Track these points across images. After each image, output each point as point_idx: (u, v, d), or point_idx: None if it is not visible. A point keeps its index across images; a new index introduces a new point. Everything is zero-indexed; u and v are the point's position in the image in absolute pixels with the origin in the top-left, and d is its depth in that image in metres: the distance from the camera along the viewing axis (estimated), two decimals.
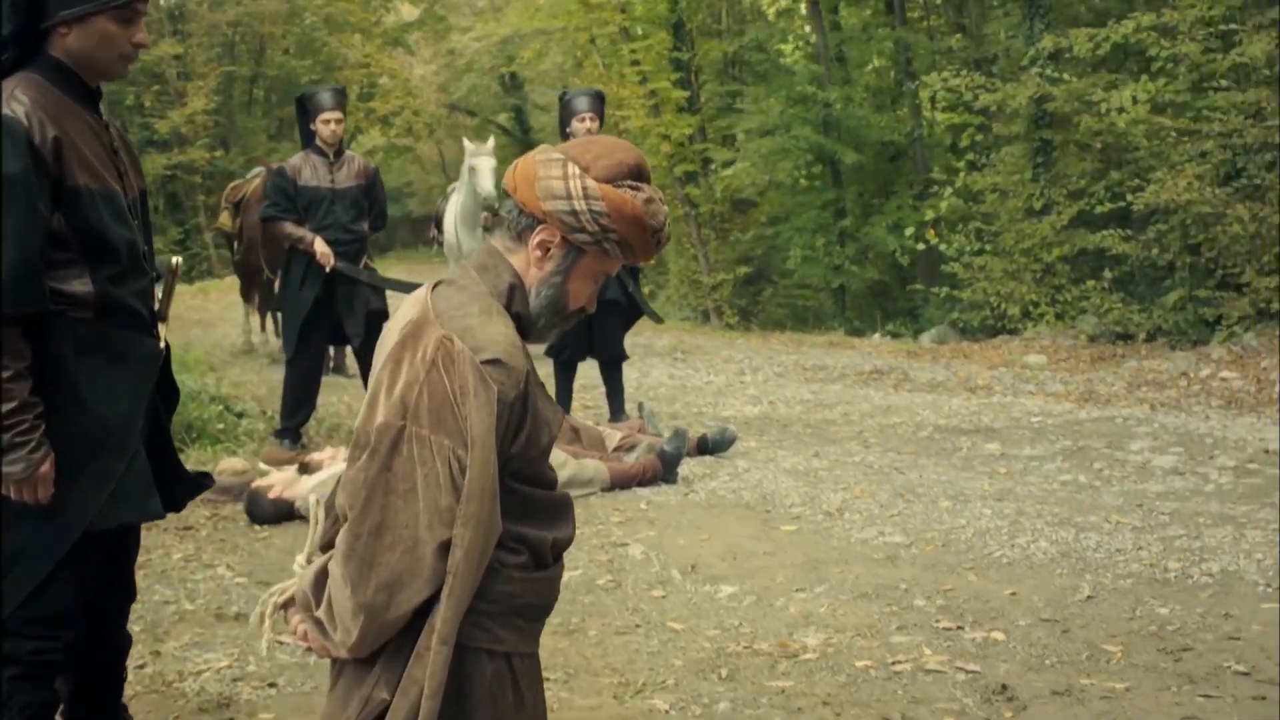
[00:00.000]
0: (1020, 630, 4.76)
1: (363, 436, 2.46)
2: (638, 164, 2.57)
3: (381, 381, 2.47)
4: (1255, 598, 5.05)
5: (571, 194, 2.48)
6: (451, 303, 2.55)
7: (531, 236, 2.56)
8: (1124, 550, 5.65)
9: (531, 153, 2.59)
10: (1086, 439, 8.25)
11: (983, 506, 6.43)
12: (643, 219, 2.53)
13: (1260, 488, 6.77)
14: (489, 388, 2.46)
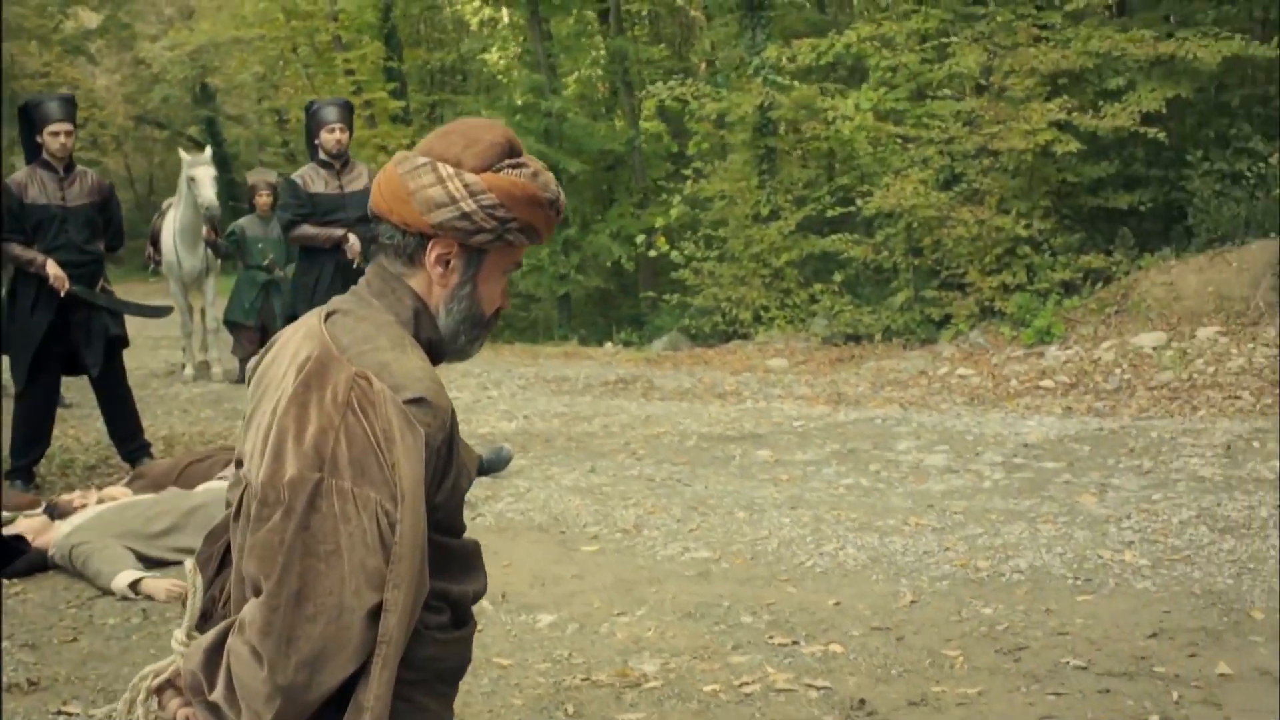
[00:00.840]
0: (856, 641, 4.69)
1: (270, 492, 2.12)
2: (507, 139, 2.32)
3: (286, 429, 2.14)
4: (1069, 591, 5.13)
5: (455, 197, 2.23)
6: (356, 335, 2.25)
7: (426, 255, 2.29)
8: (931, 552, 5.67)
9: (388, 166, 2.31)
10: (852, 441, 8.34)
11: (779, 515, 6.38)
12: (538, 196, 2.29)
13: (1033, 481, 6.96)
14: (416, 431, 2.18)
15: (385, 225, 2.33)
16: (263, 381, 2.36)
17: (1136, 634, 4.66)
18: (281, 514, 2.11)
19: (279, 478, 2.12)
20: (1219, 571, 5.27)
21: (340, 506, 2.09)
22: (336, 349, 2.23)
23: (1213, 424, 8.32)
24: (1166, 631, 4.67)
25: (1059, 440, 8.03)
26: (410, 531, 2.16)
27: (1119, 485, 6.77)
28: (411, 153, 2.32)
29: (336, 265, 7.69)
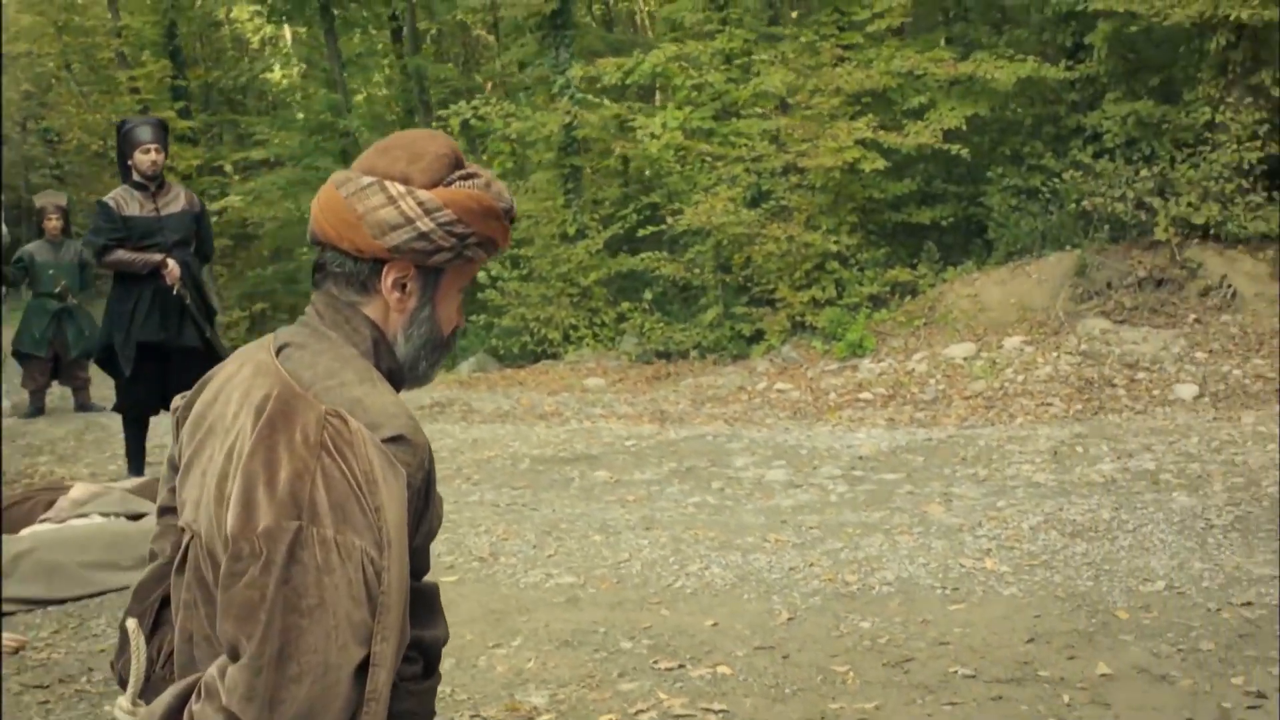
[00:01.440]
0: (742, 661, 4.65)
1: (244, 545, 1.92)
2: (452, 149, 2.19)
3: (254, 475, 1.95)
4: (940, 601, 5.20)
5: (410, 217, 2.07)
6: (317, 370, 2.08)
7: (381, 281, 2.13)
8: (797, 568, 5.68)
9: (329, 190, 2.14)
10: (688, 459, 8.33)
11: (636, 537, 6.31)
12: (494, 207, 2.15)
13: (878, 493, 7.05)
14: (398, 471, 2.03)
15: (332, 253, 2.16)
16: (202, 423, 2.17)
17: (1014, 640, 4.74)
18: (260, 568, 1.92)
19: (252, 529, 1.93)
20: (1077, 575, 5.40)
21: (322, 556, 1.92)
22: (299, 385, 2.06)
23: (1033, 430, 8.59)
24: (1042, 636, 4.76)
25: (892, 452, 8.17)
26: (397, 580, 2.02)
27: (961, 494, 6.91)
28: (351, 172, 2.15)
29: (155, 291, 7.33)
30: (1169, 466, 7.16)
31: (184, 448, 2.19)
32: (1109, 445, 7.84)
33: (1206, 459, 7.29)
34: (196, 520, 2.08)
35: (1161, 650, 4.58)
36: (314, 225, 2.15)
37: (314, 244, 2.21)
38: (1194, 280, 11.12)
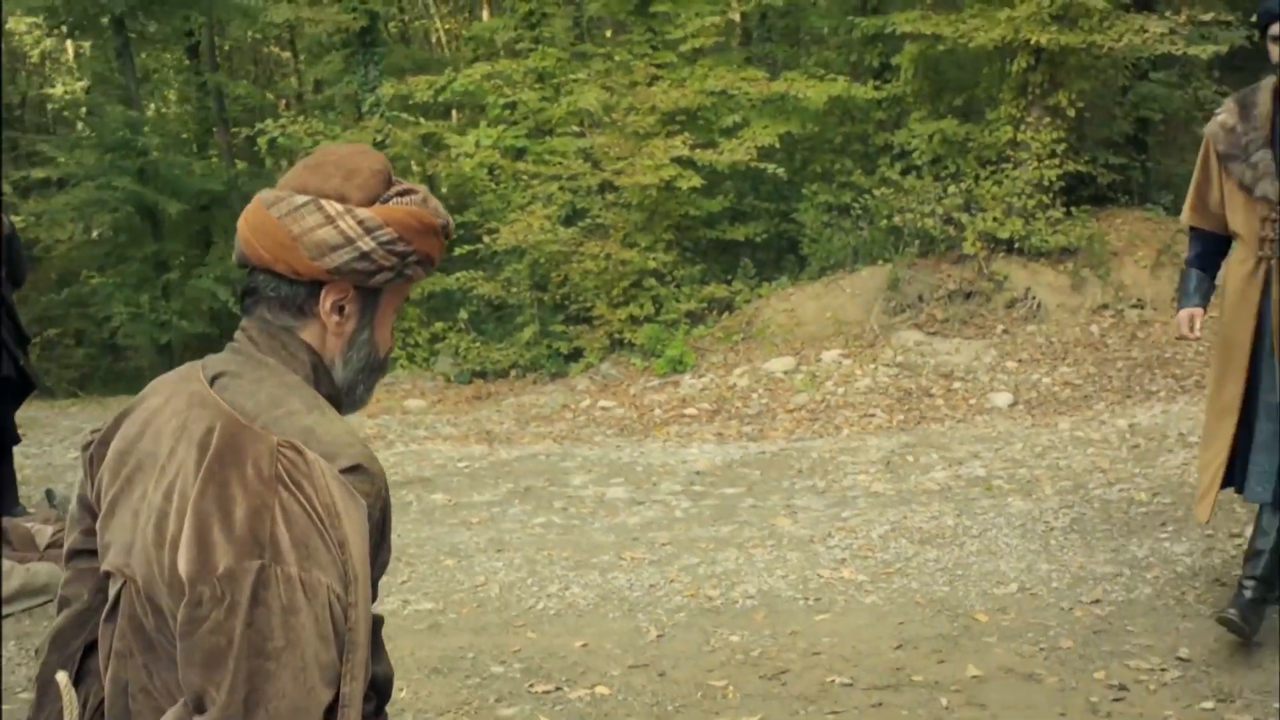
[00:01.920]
0: (619, 680, 4.63)
1: (202, 590, 1.81)
2: (385, 164, 2.11)
3: (207, 514, 1.84)
4: (804, 611, 5.25)
5: (351, 237, 1.99)
6: (260, 400, 1.98)
7: (319, 303, 2.04)
8: (658, 585, 5.67)
9: (258, 210, 2.03)
10: (524, 479, 8.25)
11: (488, 560, 6.22)
12: (433, 223, 2.07)
13: (722, 508, 7.09)
14: (358, 502, 1.95)
15: (265, 276, 2.05)
16: (126, 460, 2.04)
17: (883, 647, 4.81)
18: (225, 612, 1.81)
19: (211, 571, 1.82)
20: (933, 581, 5.52)
21: (287, 596, 1.82)
22: (243, 416, 1.96)
23: (862, 441, 8.76)
24: (909, 641, 4.85)
25: (728, 466, 8.24)
26: (363, 616, 1.94)
27: (805, 506, 7.00)
28: (280, 191, 2.04)
29: None
30: (999, 473, 7.38)
31: (105, 487, 2.07)
32: (938, 454, 8.04)
33: (1032, 464, 7.54)
34: (129, 564, 1.97)
35: (1024, 650, 4.71)
36: (243, 248, 2.04)
37: (242, 266, 2.11)
38: (1001, 292, 11.52)
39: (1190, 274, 4.85)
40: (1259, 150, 4.42)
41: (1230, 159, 4.50)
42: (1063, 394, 9.81)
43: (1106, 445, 7.87)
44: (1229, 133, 4.51)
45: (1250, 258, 4.51)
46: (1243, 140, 4.46)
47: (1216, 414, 4.66)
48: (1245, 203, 4.49)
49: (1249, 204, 4.48)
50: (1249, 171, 4.44)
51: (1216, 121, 4.60)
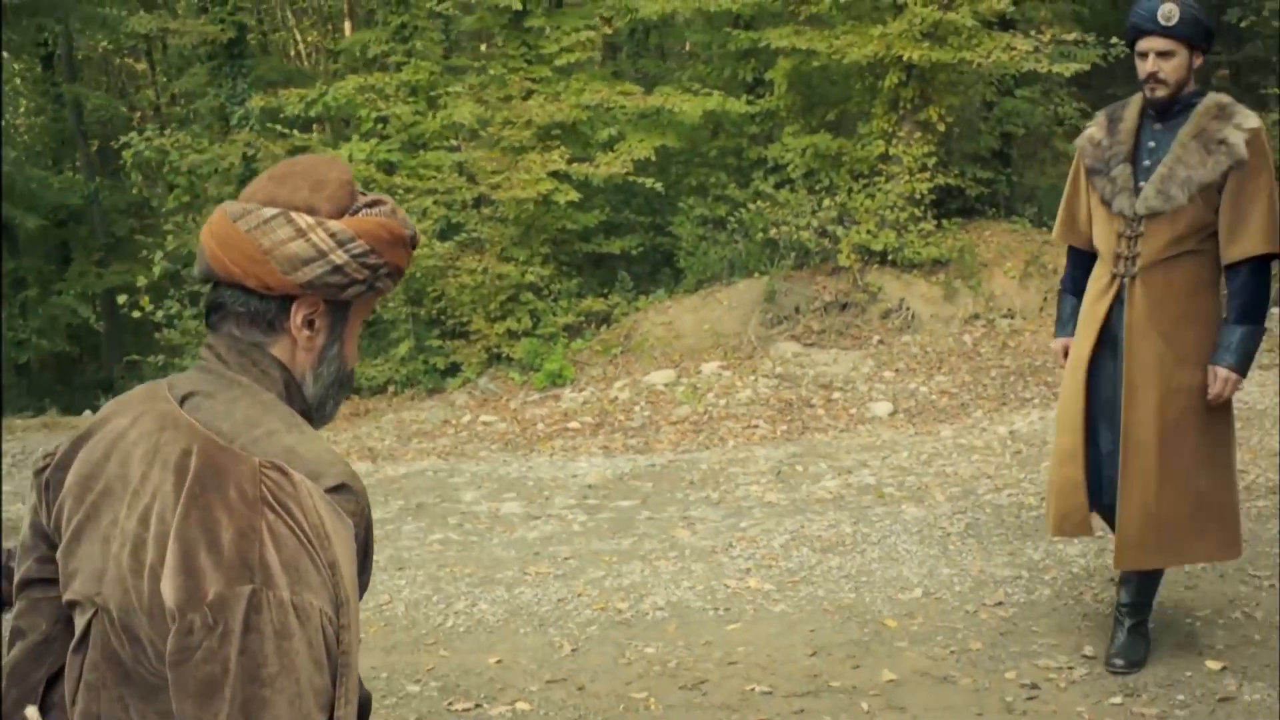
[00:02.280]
0: (539, 696, 4.61)
1: (192, 618, 1.76)
2: (350, 176, 2.07)
3: (191, 539, 1.79)
4: (716, 622, 5.28)
5: (323, 250, 1.94)
6: (237, 419, 1.93)
7: (290, 318, 2.00)
8: (566, 599, 5.66)
9: (224, 223, 1.97)
10: (415, 495, 8.17)
11: (391, 578, 6.14)
12: (402, 235, 2.04)
13: (619, 521, 7.10)
14: (346, 523, 1.92)
15: (232, 291, 1.99)
16: (92, 485, 1.97)
17: (798, 654, 4.86)
18: (218, 640, 1.76)
19: (200, 598, 1.76)
20: (839, 588, 5.59)
21: (280, 620, 1.78)
22: (219, 436, 1.91)
23: (750, 452, 8.84)
24: (823, 648, 4.91)
25: (619, 479, 8.25)
26: (354, 639, 1.91)
27: (701, 517, 7.04)
28: (247, 204, 1.98)
29: None
30: (889, 481, 7.51)
31: (67, 513, 2.00)
32: (826, 463, 8.15)
33: (920, 472, 7.69)
34: (100, 593, 1.91)
35: (936, 653, 4.80)
36: (209, 262, 1.99)
37: (206, 282, 2.05)
38: (875, 303, 11.72)
39: (1065, 300, 4.83)
40: (1120, 164, 4.43)
41: (1095, 173, 4.51)
42: (940, 402, 10.01)
43: (990, 452, 8.05)
44: (1095, 146, 4.53)
45: (1105, 274, 4.49)
46: (1106, 154, 4.48)
47: (1064, 433, 4.59)
48: (1104, 217, 4.48)
49: (1107, 218, 4.46)
50: (1108, 185, 4.44)
51: (1085, 135, 4.63)
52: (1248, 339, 4.31)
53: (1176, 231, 4.31)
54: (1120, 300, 4.42)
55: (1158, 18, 4.24)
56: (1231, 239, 4.29)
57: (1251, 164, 4.24)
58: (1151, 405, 4.33)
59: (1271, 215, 4.27)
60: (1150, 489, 4.34)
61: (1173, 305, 4.36)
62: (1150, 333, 4.35)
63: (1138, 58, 4.36)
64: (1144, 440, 4.34)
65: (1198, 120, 4.33)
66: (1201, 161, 4.27)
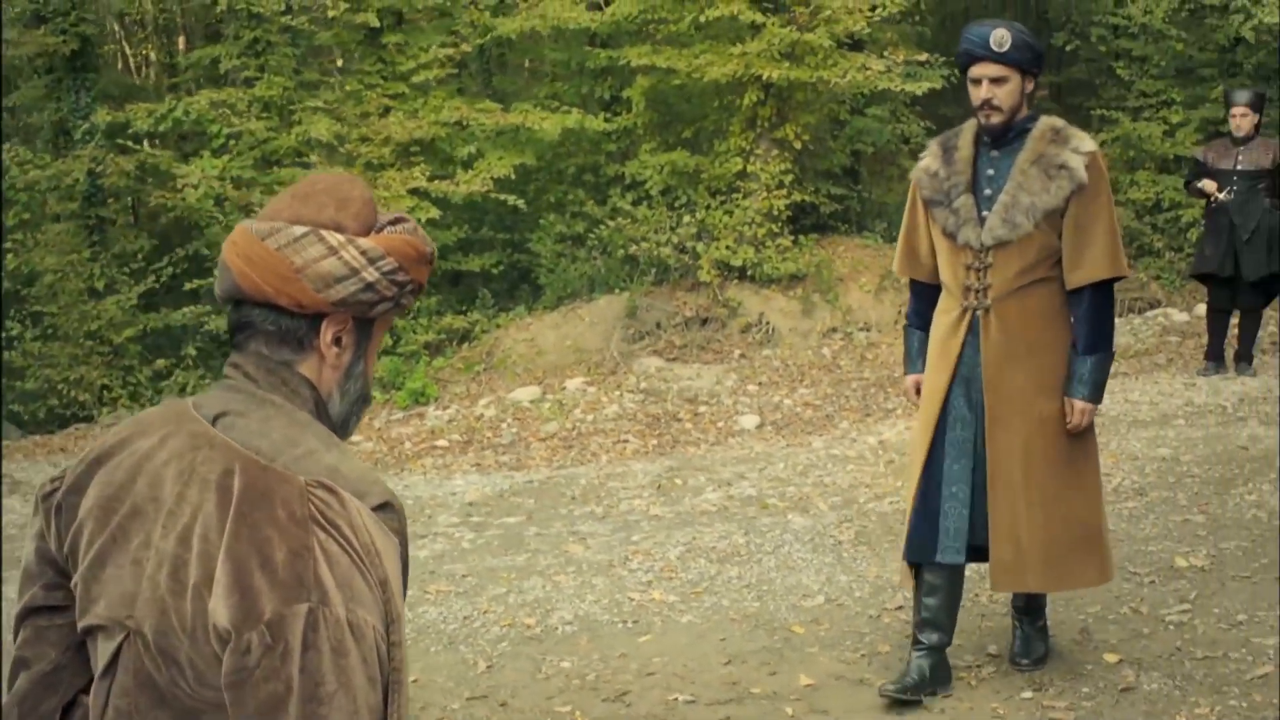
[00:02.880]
0: (463, 713, 4.65)
1: (249, 637, 1.76)
2: (370, 194, 2.09)
3: (244, 558, 1.80)
4: (627, 634, 5.35)
5: (355, 267, 1.96)
6: (275, 439, 1.94)
7: (320, 336, 2.02)
8: (472, 617, 5.67)
9: (251, 242, 1.98)
10: None
11: None
12: (425, 252, 2.07)
13: (509, 538, 7.09)
14: (393, 541, 1.96)
15: (261, 310, 2.00)
16: (116, 507, 1.94)
17: (714, 663, 4.95)
18: (279, 658, 1.76)
19: (257, 617, 1.77)
20: (742, 598, 5.70)
21: (336, 638, 1.79)
22: (260, 456, 1.92)
23: (626, 467, 8.91)
24: (737, 656, 5.00)
25: (499, 496, 8.24)
26: (404, 655, 1.94)
27: (591, 531, 7.08)
28: (274, 222, 1.99)
29: None
30: (770, 492, 7.65)
31: (87, 537, 1.97)
32: (705, 476, 8.27)
33: (798, 482, 7.85)
34: (132, 616, 1.89)
35: (847, 657, 4.94)
36: (239, 280, 1.98)
37: (229, 301, 2.06)
38: (735, 318, 11.93)
39: (912, 335, 4.72)
40: (961, 195, 4.34)
41: (934, 204, 4.40)
42: (806, 414, 10.23)
43: (864, 461, 8.26)
44: (932, 177, 4.44)
45: (955, 307, 4.40)
46: (945, 185, 4.38)
47: (916, 468, 4.54)
48: (950, 250, 4.39)
49: (953, 251, 4.37)
50: (951, 217, 4.34)
51: (920, 166, 4.55)
52: (1098, 368, 4.33)
53: (1025, 260, 4.29)
54: (974, 333, 4.36)
55: (990, 44, 4.22)
56: (1075, 264, 4.29)
57: (1091, 187, 4.24)
58: (1016, 436, 4.31)
59: (1114, 238, 4.29)
60: (1020, 517, 4.31)
61: (1028, 335, 4.34)
62: (1009, 364, 4.32)
63: (970, 84, 4.33)
64: (1011, 472, 4.31)
65: (1034, 145, 4.31)
66: (1044, 187, 4.24)
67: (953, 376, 4.39)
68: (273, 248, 1.97)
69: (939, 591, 4.51)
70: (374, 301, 2.03)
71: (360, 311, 2.04)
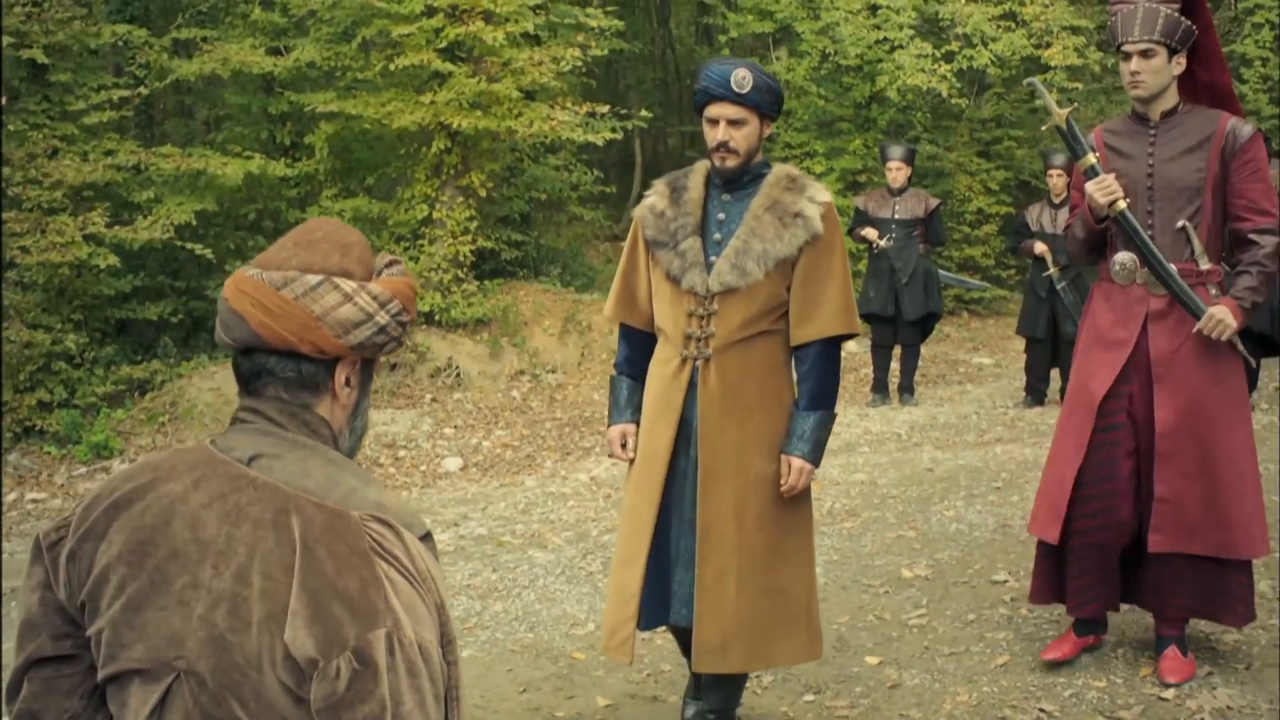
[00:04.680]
0: None
1: (337, 664, 1.92)
2: (365, 239, 2.28)
3: (318, 591, 1.94)
4: None
5: (369, 312, 2.13)
6: (318, 478, 2.10)
7: (335, 379, 2.19)
8: None
9: (268, 293, 2.09)
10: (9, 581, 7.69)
11: None
12: (416, 291, 2.29)
13: None
14: (439, 568, 2.17)
15: (279, 357, 2.13)
16: (152, 551, 2.02)
17: (510, 691, 5.16)
18: (370, 680, 1.92)
19: (341, 644, 1.92)
20: (514, 630, 5.91)
21: (409, 660, 1.96)
22: (304, 493, 2.07)
23: None
24: (530, 684, 5.23)
25: None
26: (459, 674, 2.12)
27: None
28: (287, 272, 2.11)
29: None
30: (500, 530, 7.86)
31: (115, 584, 2.04)
32: (430, 518, 8.39)
33: (524, 520, 8.09)
34: (181, 656, 1.98)
35: (635, 678, 5.24)
36: (258, 331, 2.10)
37: (244, 350, 2.16)
38: (424, 363, 12.04)
39: (620, 383, 4.44)
40: (688, 237, 4.16)
41: (659, 246, 4.22)
42: (507, 455, 10.50)
43: (581, 498, 8.60)
44: (658, 217, 4.25)
45: (674, 357, 4.19)
46: (672, 226, 4.20)
47: (631, 534, 4.27)
48: (672, 295, 4.19)
49: (676, 296, 4.18)
50: (677, 260, 4.16)
51: (645, 205, 4.33)
52: (820, 426, 4.15)
53: (751, 310, 4.11)
54: (693, 385, 4.16)
55: (731, 84, 4.03)
56: (804, 318, 4.13)
57: (826, 238, 4.10)
58: (728, 497, 4.11)
59: (846, 293, 4.15)
60: (729, 587, 4.10)
61: (749, 389, 4.14)
62: (726, 420, 4.12)
63: (707, 124, 4.14)
64: (722, 535, 4.10)
65: (769, 191, 4.14)
66: (778, 235, 4.07)
67: (676, 433, 4.19)
68: (290, 297, 2.10)
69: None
70: (384, 343, 2.20)
71: (372, 353, 2.20)
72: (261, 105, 12.73)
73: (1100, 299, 4.94)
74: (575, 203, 14.90)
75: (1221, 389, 4.73)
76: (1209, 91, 4.86)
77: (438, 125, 11.57)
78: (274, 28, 12.61)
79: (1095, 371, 4.82)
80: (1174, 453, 4.69)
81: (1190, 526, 4.68)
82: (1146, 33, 4.62)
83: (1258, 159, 4.68)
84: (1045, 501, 4.94)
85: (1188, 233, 4.72)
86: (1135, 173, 4.79)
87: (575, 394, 11.96)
